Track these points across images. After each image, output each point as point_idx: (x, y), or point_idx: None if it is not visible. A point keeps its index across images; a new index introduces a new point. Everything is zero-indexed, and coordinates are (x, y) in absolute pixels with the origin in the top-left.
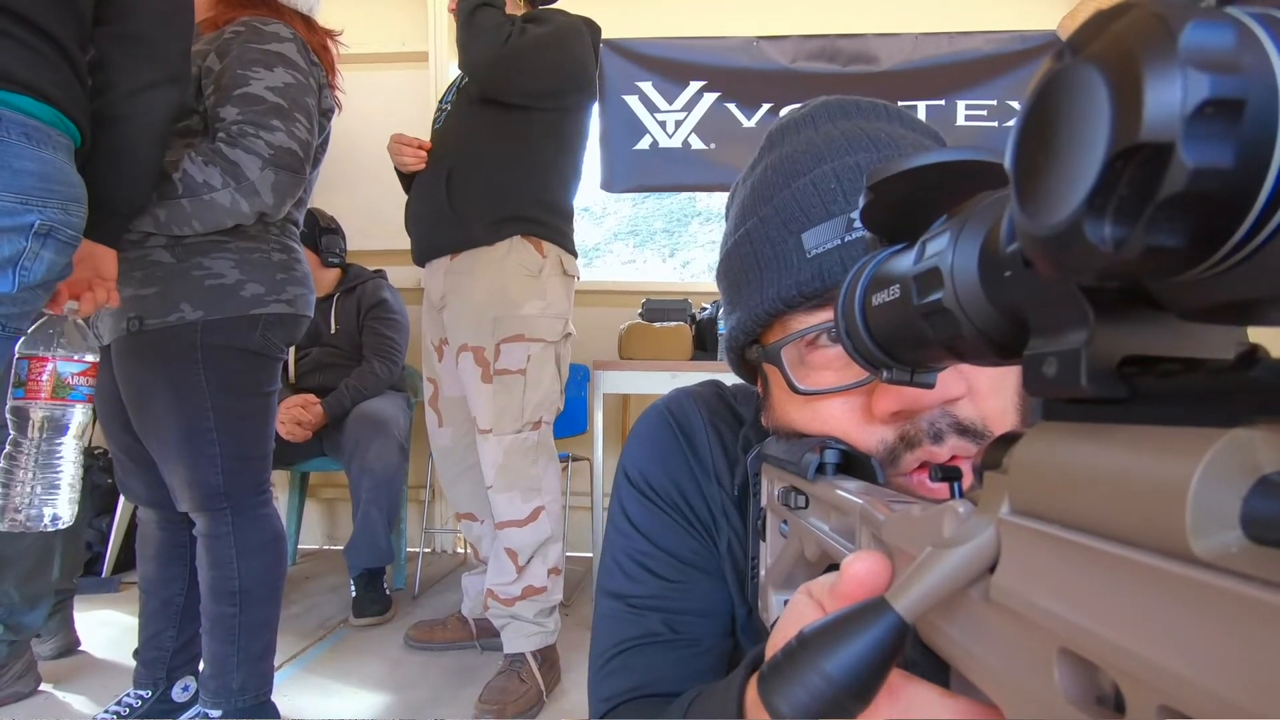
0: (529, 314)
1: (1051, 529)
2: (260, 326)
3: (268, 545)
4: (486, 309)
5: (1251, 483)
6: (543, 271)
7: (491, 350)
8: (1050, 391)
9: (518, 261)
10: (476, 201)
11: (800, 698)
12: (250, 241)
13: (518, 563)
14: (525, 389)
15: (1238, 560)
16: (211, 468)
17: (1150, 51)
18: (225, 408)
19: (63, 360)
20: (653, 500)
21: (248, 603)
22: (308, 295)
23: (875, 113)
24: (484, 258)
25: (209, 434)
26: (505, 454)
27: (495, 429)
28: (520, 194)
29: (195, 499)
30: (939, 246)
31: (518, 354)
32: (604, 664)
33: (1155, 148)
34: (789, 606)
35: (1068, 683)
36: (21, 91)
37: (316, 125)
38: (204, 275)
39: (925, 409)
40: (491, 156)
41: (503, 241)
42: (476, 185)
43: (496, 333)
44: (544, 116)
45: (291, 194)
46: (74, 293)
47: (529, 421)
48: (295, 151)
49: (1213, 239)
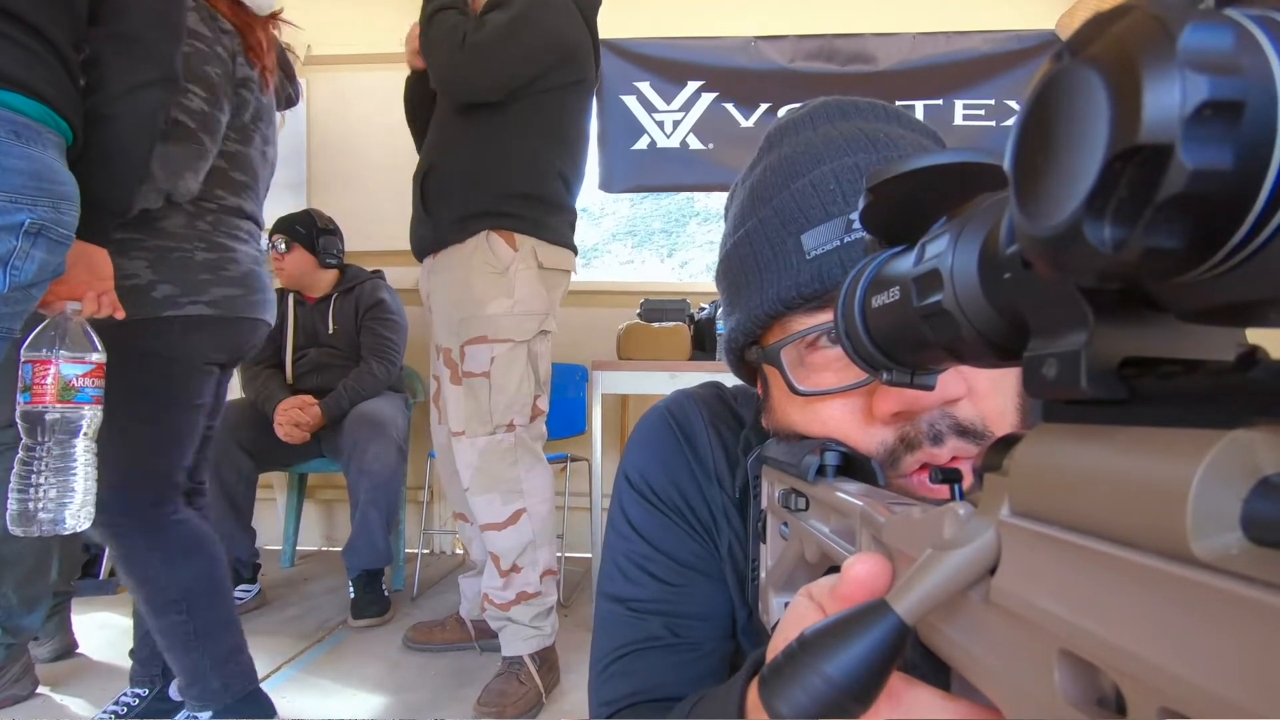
0: (494, 313)
1: (1052, 531)
2: (175, 330)
3: (192, 550)
4: (454, 310)
5: (1252, 484)
6: (511, 268)
7: (458, 352)
8: (1050, 393)
9: (483, 259)
10: (446, 200)
11: (801, 700)
12: (168, 240)
13: (500, 566)
14: (491, 392)
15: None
16: (101, 481)
17: (1149, 53)
18: (126, 417)
19: (66, 362)
20: (653, 503)
21: (194, 609)
22: (249, 298)
23: (874, 113)
24: (454, 256)
25: (103, 445)
26: (480, 455)
27: (467, 431)
28: (488, 187)
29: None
30: (939, 248)
31: (481, 356)
32: (604, 668)
33: (1154, 149)
34: (789, 609)
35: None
36: (12, 89)
37: (226, 95)
38: (116, 275)
39: (925, 410)
40: (463, 153)
41: (471, 239)
42: (446, 183)
43: (461, 334)
44: (519, 106)
45: (188, 167)
46: (72, 294)
47: (499, 424)
48: (184, 123)
49: (1212, 240)
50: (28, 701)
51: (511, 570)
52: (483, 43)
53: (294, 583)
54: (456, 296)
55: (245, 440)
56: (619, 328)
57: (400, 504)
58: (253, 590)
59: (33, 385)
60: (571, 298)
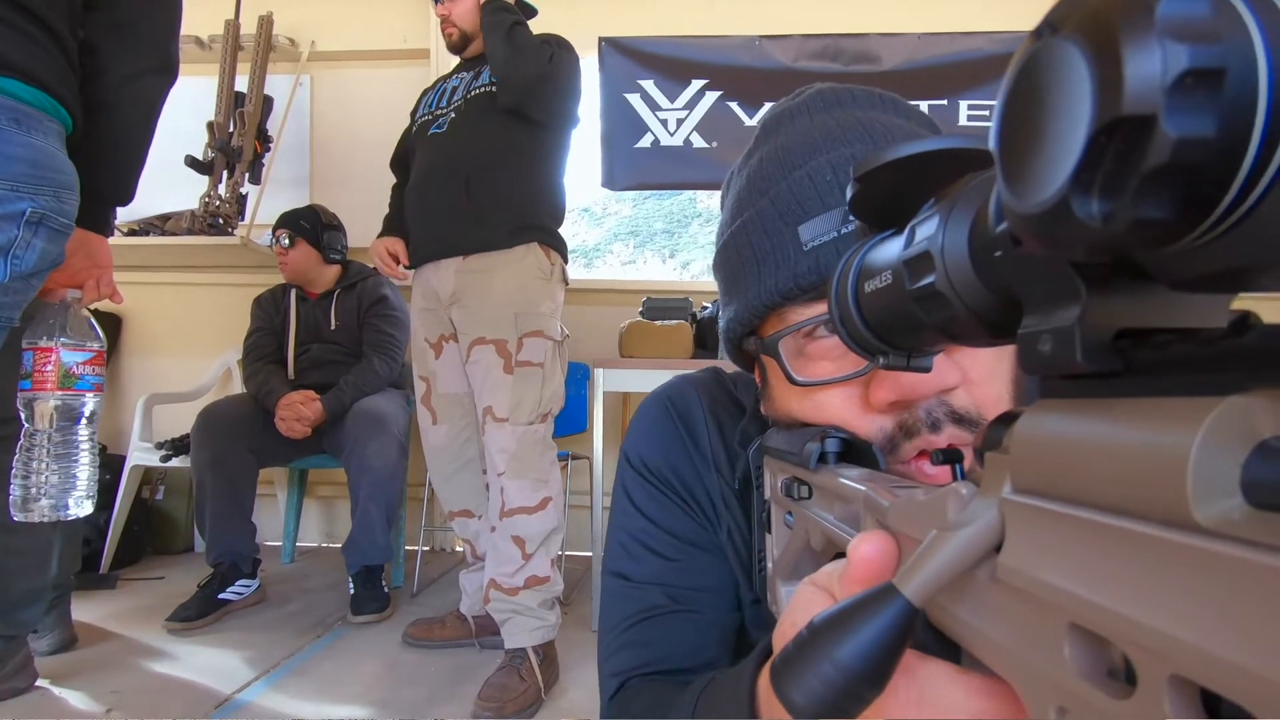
0: (544, 312)
1: (1055, 506)
2: None
3: None
4: (507, 305)
5: (1250, 448)
6: (552, 276)
7: (514, 343)
8: (1046, 368)
9: (535, 264)
10: (499, 207)
11: (815, 688)
12: None
13: (525, 550)
14: (543, 381)
15: (1240, 527)
16: None
17: (1128, 24)
18: None
19: (67, 350)
20: (652, 483)
21: None
22: None
23: (869, 101)
24: (502, 259)
25: None
26: (518, 442)
27: (512, 418)
28: (537, 204)
29: None
30: (928, 230)
31: (538, 348)
32: (612, 640)
33: (1138, 120)
34: (794, 597)
35: (1078, 658)
36: (12, 75)
37: None
38: None
39: (922, 398)
40: (512, 166)
41: (520, 246)
42: (498, 192)
43: (519, 327)
44: (554, 134)
45: None
46: (72, 281)
47: (541, 413)
48: None
49: (1199, 208)
50: (27, 694)
51: (532, 554)
52: (562, 69)
53: (294, 579)
54: (510, 294)
55: (246, 435)
56: (621, 326)
57: (401, 500)
58: (252, 586)
59: (34, 372)
60: (573, 296)
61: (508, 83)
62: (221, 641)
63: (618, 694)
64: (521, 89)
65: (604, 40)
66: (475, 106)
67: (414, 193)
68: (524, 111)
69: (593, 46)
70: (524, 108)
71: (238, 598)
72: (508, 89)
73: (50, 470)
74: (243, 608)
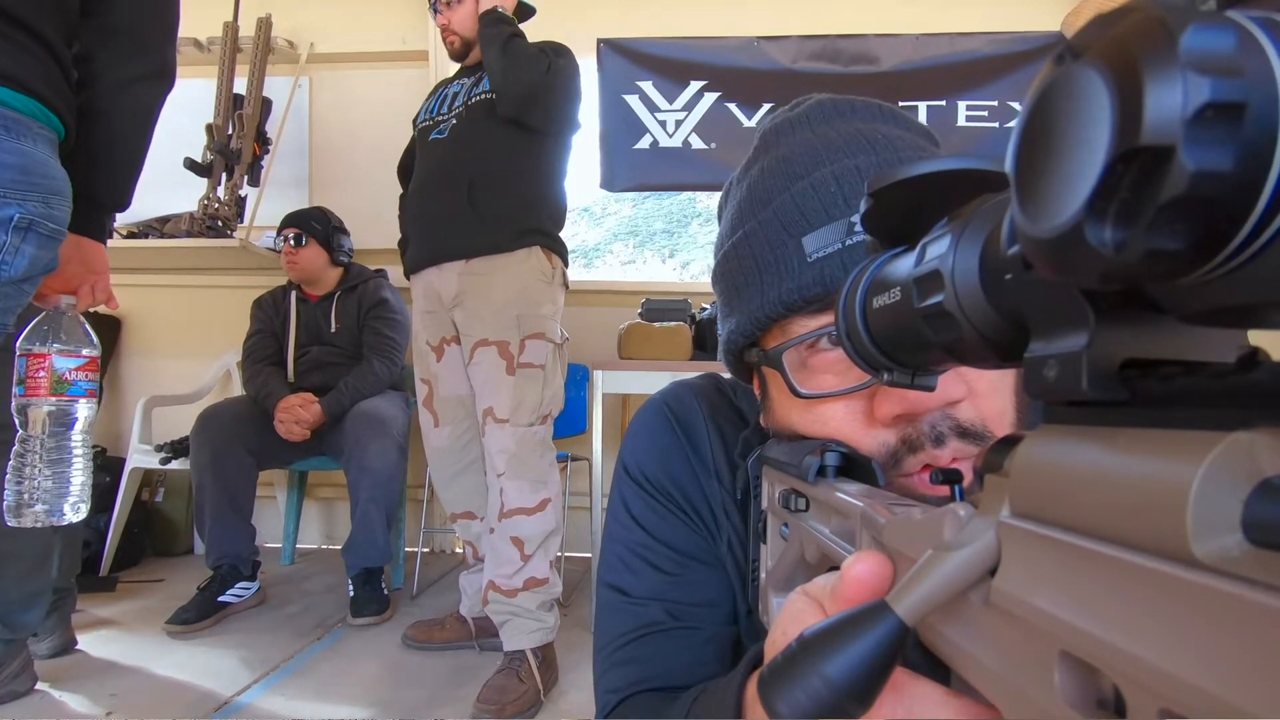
0: (545, 315)
1: (1052, 532)
2: None
3: None
4: (509, 307)
5: (1253, 486)
6: (553, 279)
7: (516, 345)
8: (1051, 394)
9: (536, 267)
10: (501, 212)
11: (801, 701)
12: None
13: (524, 551)
14: (544, 383)
15: (1239, 564)
16: None
17: (1151, 55)
18: None
19: (60, 356)
20: (652, 495)
21: None
22: None
23: (870, 113)
24: (504, 262)
25: None
26: (518, 443)
27: (512, 419)
28: (539, 209)
29: None
30: (940, 249)
31: (539, 350)
32: (608, 656)
33: (1156, 151)
34: (785, 607)
35: (1068, 686)
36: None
37: None
38: None
39: (926, 412)
40: (513, 171)
41: (522, 249)
42: (500, 197)
43: (522, 329)
44: (555, 140)
45: None
46: (67, 287)
47: (541, 415)
48: None
49: (1214, 242)
50: (26, 698)
51: (530, 555)
52: (560, 78)
53: (293, 580)
54: (513, 296)
55: (246, 437)
56: (620, 327)
57: (400, 502)
58: (252, 588)
59: (27, 378)
60: (573, 297)
61: (505, 95)
62: (221, 644)
63: (614, 711)
64: (519, 100)
65: (602, 42)
66: (476, 112)
67: (415, 197)
68: (523, 121)
69: (591, 48)
70: (523, 117)
71: (237, 600)
72: (506, 101)
73: (44, 476)
74: (242, 610)
